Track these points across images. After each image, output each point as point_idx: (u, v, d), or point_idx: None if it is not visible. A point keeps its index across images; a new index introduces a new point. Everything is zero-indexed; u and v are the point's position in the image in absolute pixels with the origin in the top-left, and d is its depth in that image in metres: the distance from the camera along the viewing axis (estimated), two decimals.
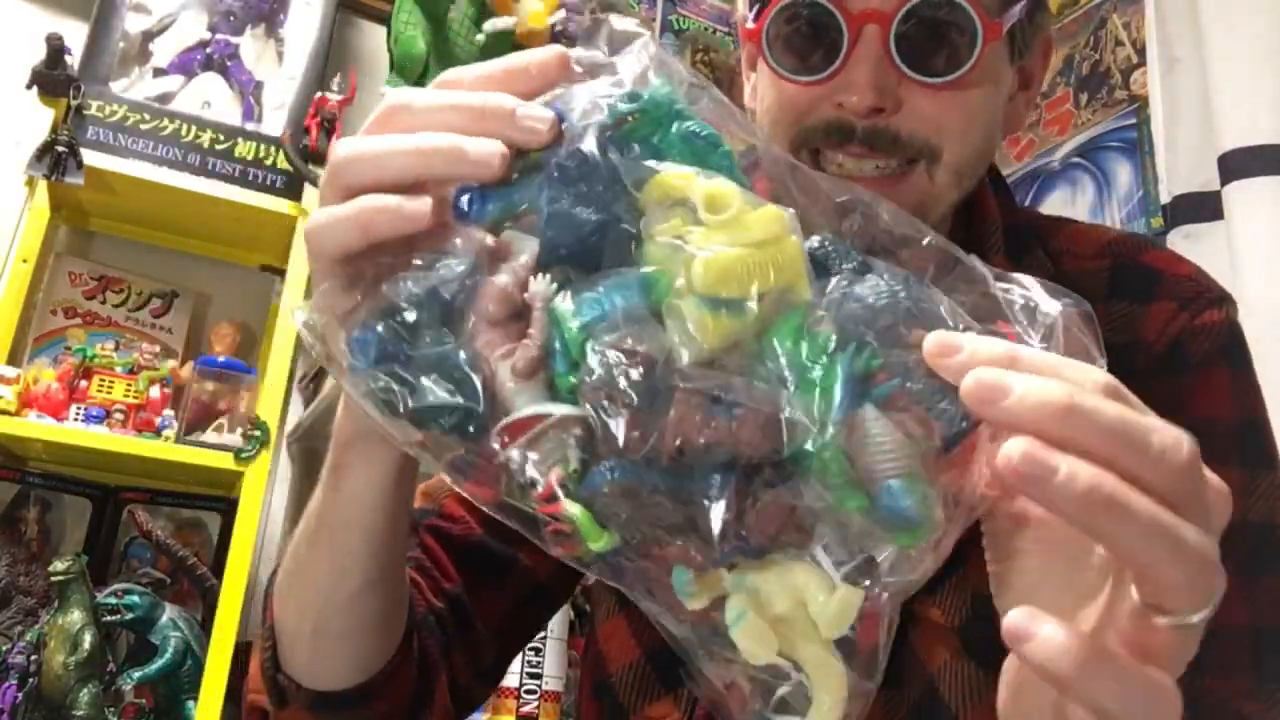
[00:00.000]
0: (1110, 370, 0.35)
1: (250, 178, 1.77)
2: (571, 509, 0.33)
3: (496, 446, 0.34)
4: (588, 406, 0.33)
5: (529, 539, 0.36)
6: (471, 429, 0.35)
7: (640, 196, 0.36)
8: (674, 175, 0.35)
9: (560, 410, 0.33)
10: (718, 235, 0.34)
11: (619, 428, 0.32)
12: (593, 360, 0.32)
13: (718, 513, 0.32)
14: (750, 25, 0.67)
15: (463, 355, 0.35)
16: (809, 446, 0.32)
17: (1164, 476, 0.31)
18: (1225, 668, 0.58)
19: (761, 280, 0.33)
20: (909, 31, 0.60)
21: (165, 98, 1.82)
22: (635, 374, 0.32)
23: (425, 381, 0.35)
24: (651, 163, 0.36)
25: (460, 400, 0.35)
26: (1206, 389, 0.66)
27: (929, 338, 0.33)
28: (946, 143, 0.62)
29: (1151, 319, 0.67)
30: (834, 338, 0.34)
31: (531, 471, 0.33)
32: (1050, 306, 0.36)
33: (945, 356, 0.33)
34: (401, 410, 0.35)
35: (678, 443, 0.32)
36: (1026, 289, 0.37)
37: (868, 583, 0.33)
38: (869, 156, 0.62)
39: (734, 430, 0.32)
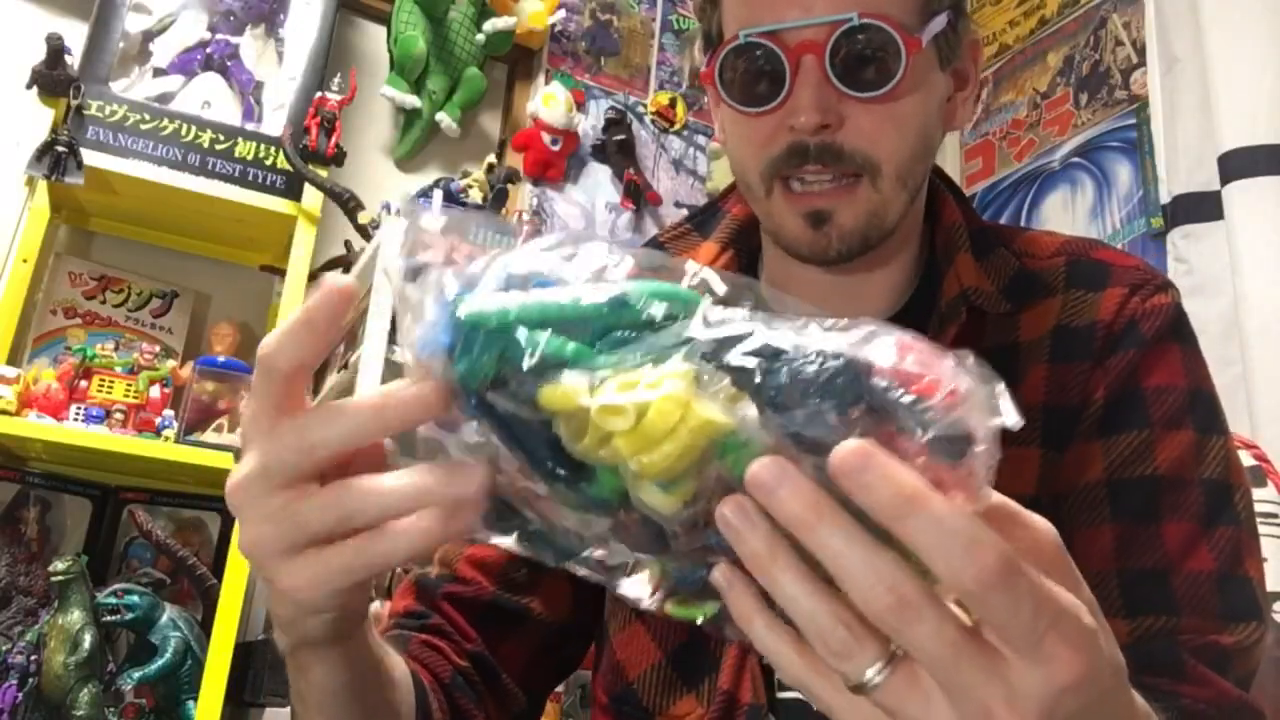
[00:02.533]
0: (1070, 349, 0.36)
1: (250, 178, 1.78)
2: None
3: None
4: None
5: (539, 590, 0.39)
6: None
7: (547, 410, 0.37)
8: (557, 393, 0.35)
9: None
10: (633, 444, 0.35)
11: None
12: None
13: None
14: (705, 69, 0.77)
15: None
16: None
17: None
18: (1200, 608, 0.65)
19: (694, 456, 0.35)
20: (841, 56, 0.69)
21: (165, 98, 1.82)
22: None
23: None
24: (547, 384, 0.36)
25: None
26: (1160, 362, 0.72)
27: (844, 455, 0.33)
28: (884, 153, 0.71)
29: (1106, 303, 0.74)
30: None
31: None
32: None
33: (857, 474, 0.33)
34: None
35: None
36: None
37: None
38: (824, 171, 0.71)
39: None
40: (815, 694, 0.36)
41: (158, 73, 1.85)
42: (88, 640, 1.50)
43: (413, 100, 2.09)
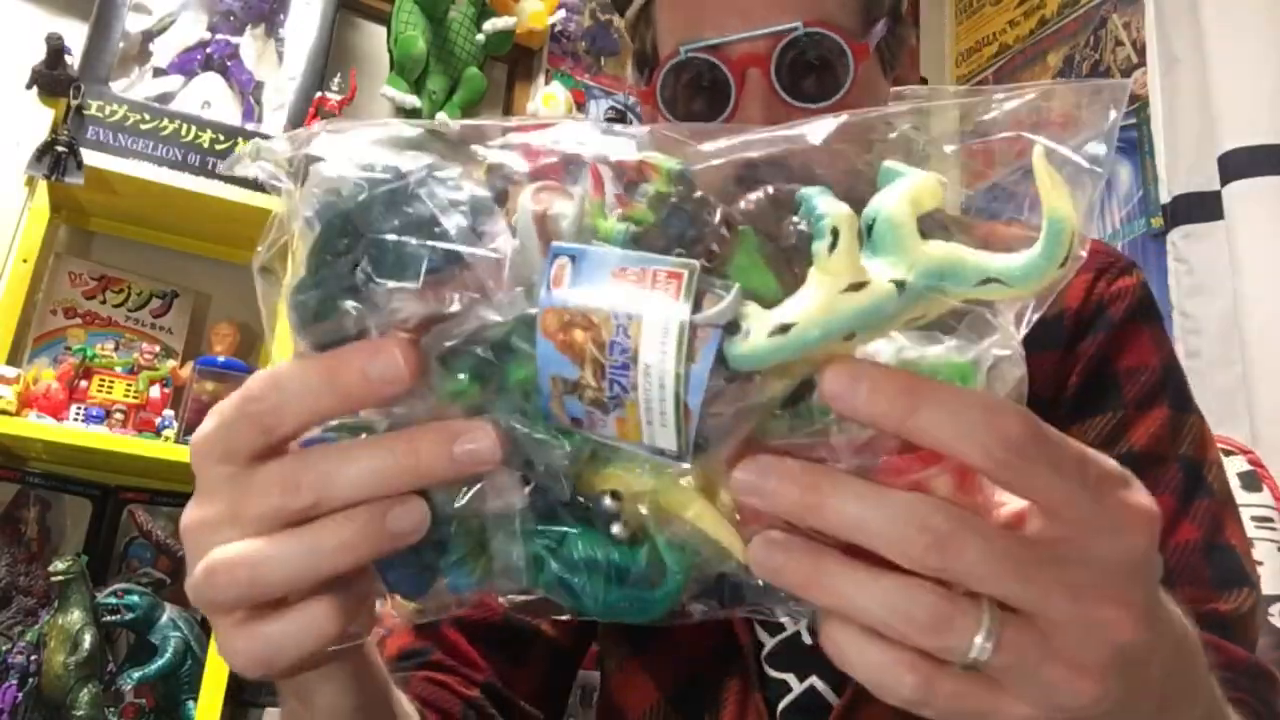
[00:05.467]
0: (1040, 338, 0.35)
1: (250, 178, 1.77)
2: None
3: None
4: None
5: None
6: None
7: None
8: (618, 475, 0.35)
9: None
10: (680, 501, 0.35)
11: None
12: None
13: None
14: (643, 87, 0.74)
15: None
16: None
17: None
18: (1192, 578, 0.65)
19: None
20: (787, 67, 0.67)
21: (165, 98, 1.82)
22: None
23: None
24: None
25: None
26: (1131, 343, 0.72)
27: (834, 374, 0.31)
28: None
29: (1073, 288, 0.73)
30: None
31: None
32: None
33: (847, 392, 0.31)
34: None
35: None
36: None
37: None
38: None
39: None
40: (908, 688, 0.31)
41: (158, 73, 1.85)
42: (88, 640, 1.50)
43: (413, 100, 2.09)
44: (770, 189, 0.34)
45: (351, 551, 0.34)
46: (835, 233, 0.31)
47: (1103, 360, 0.71)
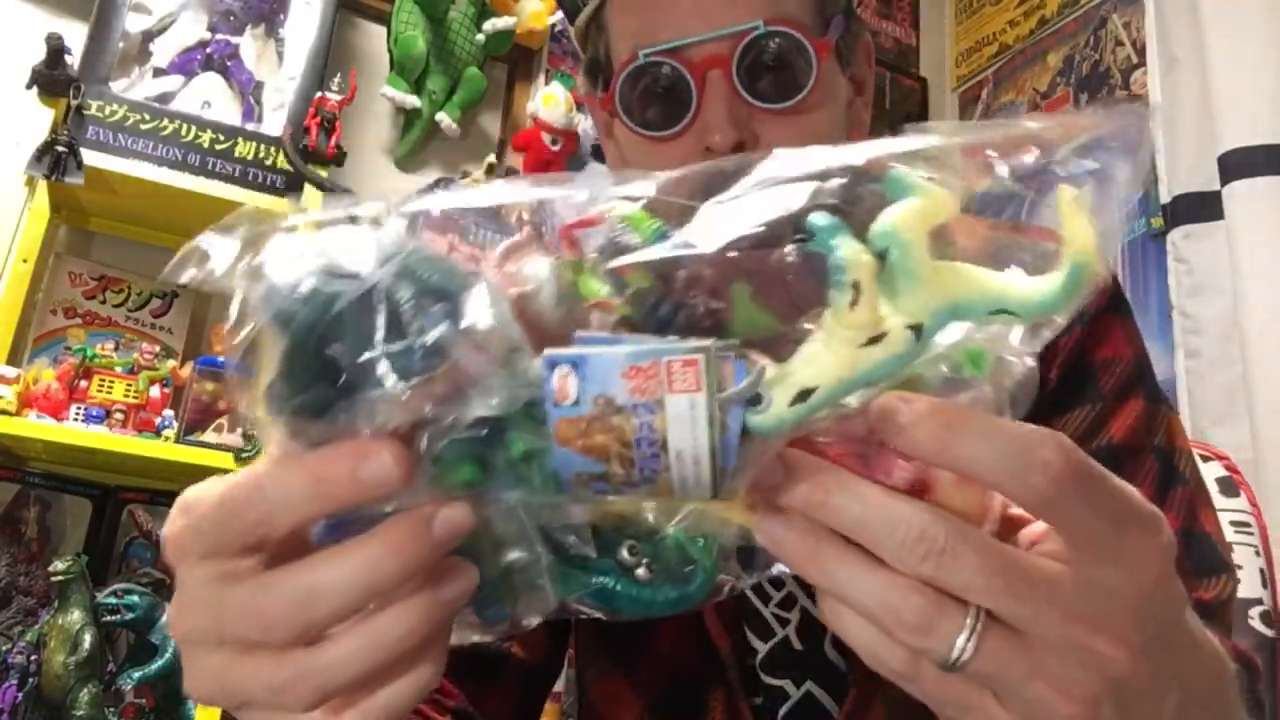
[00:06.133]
0: None
1: (250, 178, 1.78)
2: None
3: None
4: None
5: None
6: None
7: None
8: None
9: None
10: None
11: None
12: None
13: None
14: (600, 95, 0.72)
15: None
16: None
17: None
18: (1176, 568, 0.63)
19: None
20: (750, 68, 0.65)
21: (165, 98, 1.82)
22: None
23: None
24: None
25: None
26: (1105, 335, 0.72)
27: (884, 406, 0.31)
28: None
29: None
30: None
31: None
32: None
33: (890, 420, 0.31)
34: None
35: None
36: None
37: None
38: None
39: None
40: (898, 662, 0.32)
41: (158, 73, 1.85)
42: (88, 640, 1.50)
43: (413, 100, 2.09)
44: (754, 234, 0.32)
45: (412, 636, 0.33)
46: (857, 287, 0.30)
47: (1079, 353, 0.71)
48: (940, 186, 0.31)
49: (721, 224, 0.33)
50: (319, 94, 1.86)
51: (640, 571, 0.35)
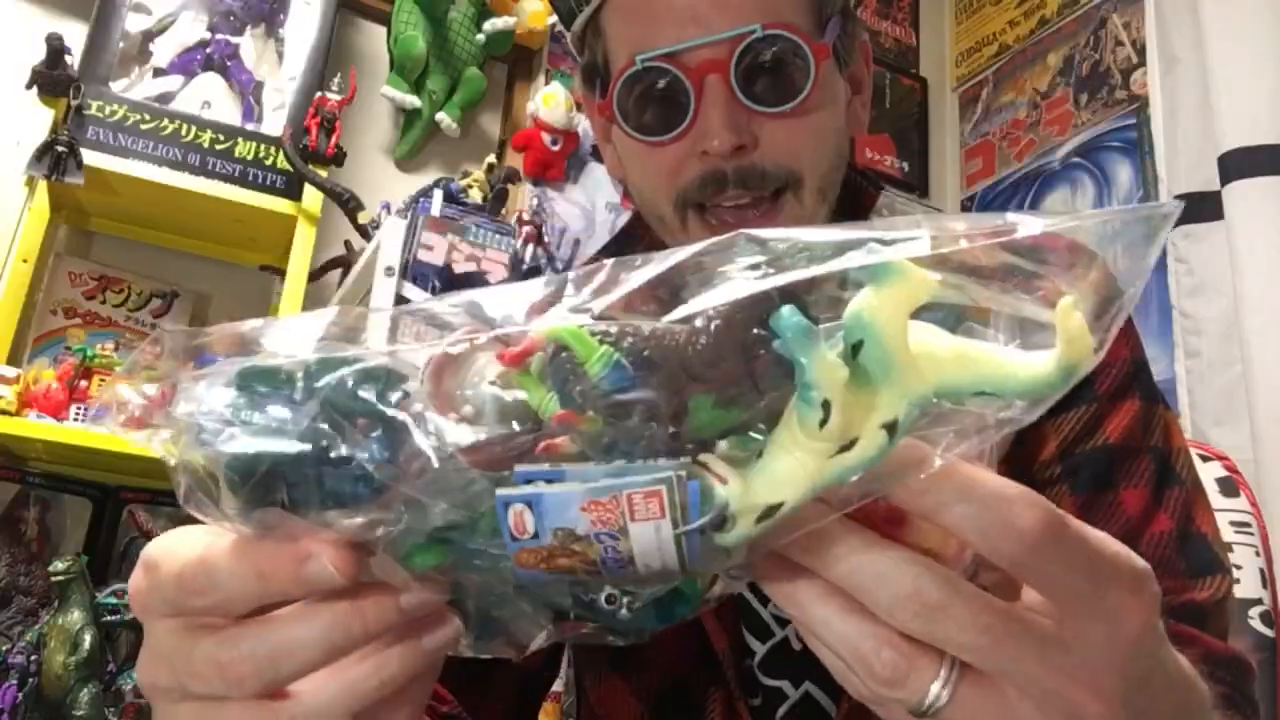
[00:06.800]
0: None
1: (250, 178, 1.78)
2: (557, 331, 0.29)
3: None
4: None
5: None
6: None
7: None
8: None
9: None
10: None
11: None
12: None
13: None
14: (598, 101, 0.72)
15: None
16: None
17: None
18: (1168, 568, 0.65)
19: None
20: (748, 72, 0.65)
21: (165, 98, 1.82)
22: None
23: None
24: None
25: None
26: None
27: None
28: (805, 167, 0.67)
29: None
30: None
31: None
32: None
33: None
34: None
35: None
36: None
37: None
38: (744, 195, 0.67)
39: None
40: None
41: (158, 73, 1.85)
42: (88, 640, 1.49)
43: (413, 100, 2.09)
44: (712, 323, 0.30)
45: (392, 684, 0.33)
46: (827, 406, 0.28)
47: None
48: (919, 268, 0.29)
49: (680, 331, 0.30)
50: (319, 94, 1.86)
51: (623, 614, 0.34)
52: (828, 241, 0.29)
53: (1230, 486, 1.15)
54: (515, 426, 0.30)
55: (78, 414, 1.61)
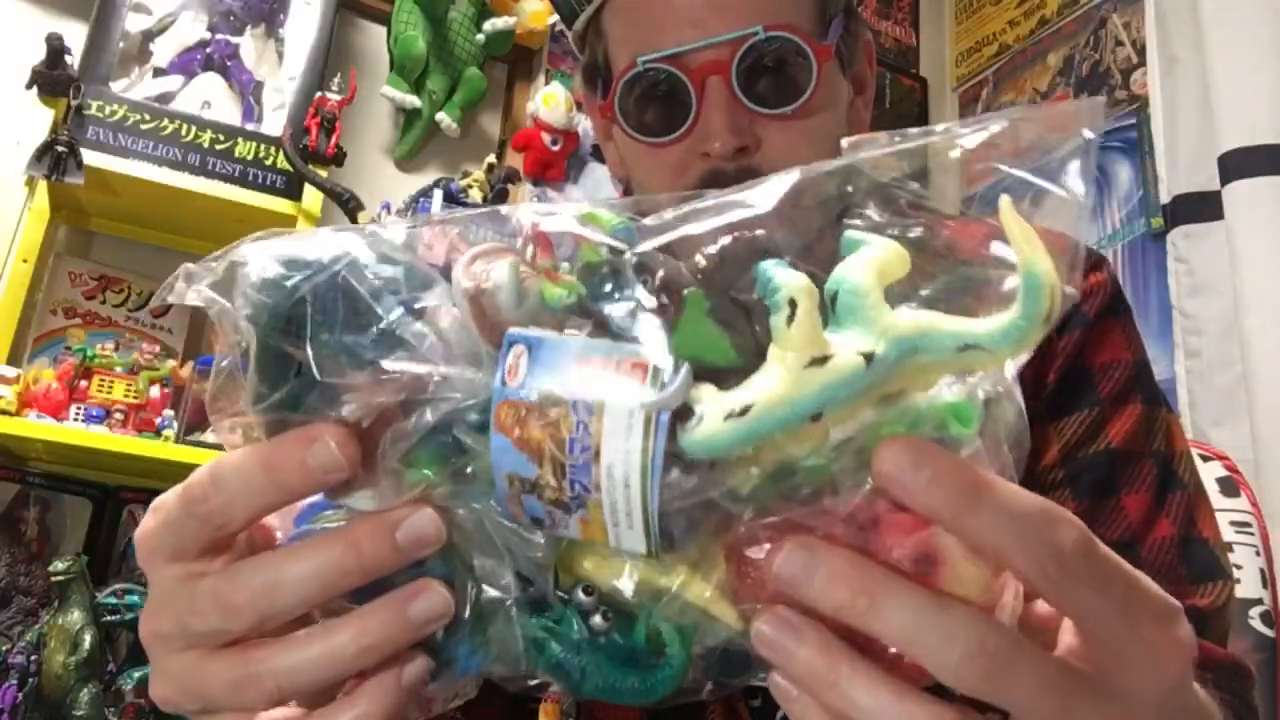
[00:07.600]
0: None
1: (250, 178, 1.78)
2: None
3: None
4: None
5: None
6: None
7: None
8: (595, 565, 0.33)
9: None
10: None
11: None
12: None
13: None
14: (600, 101, 0.72)
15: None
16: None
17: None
18: (1170, 574, 0.64)
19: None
20: (749, 73, 0.65)
21: (165, 98, 1.82)
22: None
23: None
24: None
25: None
26: (1104, 339, 0.71)
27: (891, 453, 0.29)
28: None
29: None
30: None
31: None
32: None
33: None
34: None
35: None
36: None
37: None
38: None
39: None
40: None
41: (158, 73, 1.85)
42: (88, 640, 1.50)
43: (413, 100, 2.09)
44: (724, 244, 0.31)
45: (372, 653, 0.33)
46: (793, 304, 0.28)
47: (1077, 358, 0.70)
48: (896, 243, 0.30)
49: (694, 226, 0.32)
50: (319, 94, 1.86)
51: (596, 619, 0.34)
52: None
53: (1230, 486, 1.15)
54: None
55: (77, 414, 1.61)
